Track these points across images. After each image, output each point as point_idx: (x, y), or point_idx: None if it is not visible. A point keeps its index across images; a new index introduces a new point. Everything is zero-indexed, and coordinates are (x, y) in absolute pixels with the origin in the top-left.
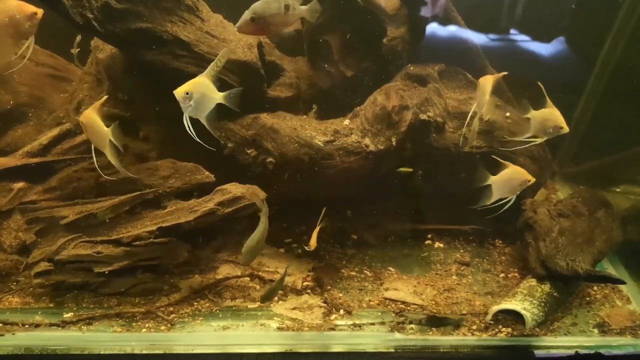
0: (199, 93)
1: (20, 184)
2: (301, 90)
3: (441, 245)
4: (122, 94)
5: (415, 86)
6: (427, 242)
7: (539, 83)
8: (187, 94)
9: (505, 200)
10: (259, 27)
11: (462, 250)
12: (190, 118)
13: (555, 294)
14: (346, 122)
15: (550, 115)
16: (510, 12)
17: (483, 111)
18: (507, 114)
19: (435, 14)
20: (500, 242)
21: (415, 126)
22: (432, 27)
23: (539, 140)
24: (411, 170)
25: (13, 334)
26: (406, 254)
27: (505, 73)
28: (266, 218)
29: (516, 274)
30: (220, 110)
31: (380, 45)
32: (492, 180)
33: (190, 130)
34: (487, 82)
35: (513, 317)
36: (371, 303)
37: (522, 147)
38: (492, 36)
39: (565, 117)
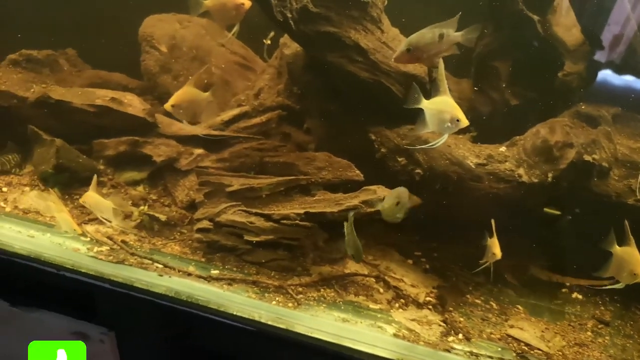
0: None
1: (200, 151)
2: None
3: (579, 297)
4: (296, 88)
5: (584, 126)
6: (564, 290)
7: None
8: None
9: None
10: (414, 56)
11: (602, 308)
12: None
13: None
14: (502, 148)
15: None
16: None
17: None
18: None
19: (620, 54)
20: None
21: (577, 166)
22: (614, 68)
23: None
24: (559, 212)
25: (169, 276)
26: (539, 296)
27: None
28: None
29: None
30: (379, 117)
31: (554, 78)
32: (616, 250)
33: None
34: None
35: None
36: (492, 336)
37: None
38: None
39: None
